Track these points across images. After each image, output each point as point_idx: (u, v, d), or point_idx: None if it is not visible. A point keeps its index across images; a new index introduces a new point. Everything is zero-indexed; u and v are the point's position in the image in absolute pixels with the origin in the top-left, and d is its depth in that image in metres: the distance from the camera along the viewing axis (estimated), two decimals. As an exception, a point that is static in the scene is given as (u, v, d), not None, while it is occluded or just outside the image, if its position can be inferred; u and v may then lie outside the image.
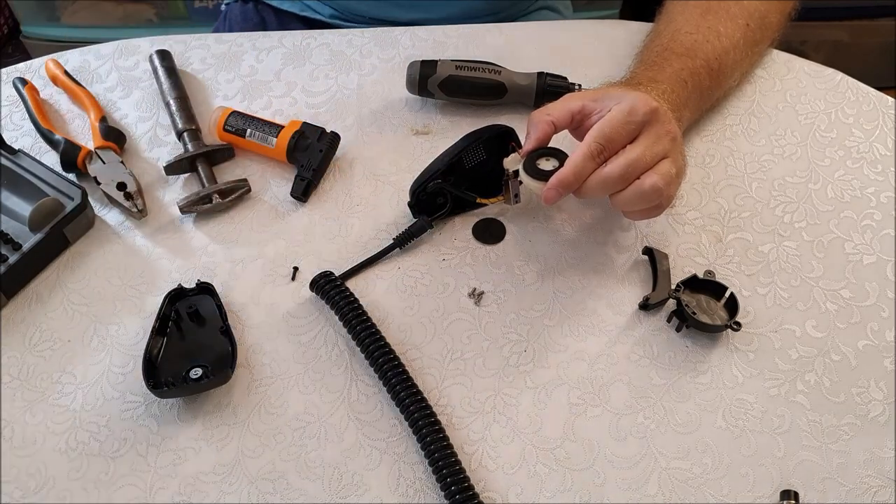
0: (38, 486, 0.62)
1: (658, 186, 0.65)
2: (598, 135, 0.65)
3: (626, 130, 0.66)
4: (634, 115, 0.66)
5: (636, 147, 0.66)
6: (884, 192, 0.79)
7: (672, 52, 0.78)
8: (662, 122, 0.67)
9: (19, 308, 0.71)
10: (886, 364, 0.68)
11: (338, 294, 0.69)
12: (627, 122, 0.66)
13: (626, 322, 0.70)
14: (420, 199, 0.74)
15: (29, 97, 0.82)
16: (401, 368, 0.65)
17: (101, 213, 0.77)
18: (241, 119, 0.80)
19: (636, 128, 0.66)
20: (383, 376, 0.65)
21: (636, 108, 0.66)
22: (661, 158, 0.66)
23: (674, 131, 0.67)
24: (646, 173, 0.65)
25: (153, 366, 0.66)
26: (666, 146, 0.67)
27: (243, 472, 0.62)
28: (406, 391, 0.64)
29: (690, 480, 0.62)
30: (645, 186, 0.65)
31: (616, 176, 0.65)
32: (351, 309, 0.68)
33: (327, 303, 0.69)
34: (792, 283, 0.73)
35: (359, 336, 0.67)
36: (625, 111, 0.66)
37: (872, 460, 0.63)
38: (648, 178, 0.65)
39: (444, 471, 0.60)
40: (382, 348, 0.66)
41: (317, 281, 0.70)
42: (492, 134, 0.74)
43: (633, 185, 0.65)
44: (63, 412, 0.65)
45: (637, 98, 0.67)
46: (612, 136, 0.66)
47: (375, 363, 0.65)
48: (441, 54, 0.83)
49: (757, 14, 0.83)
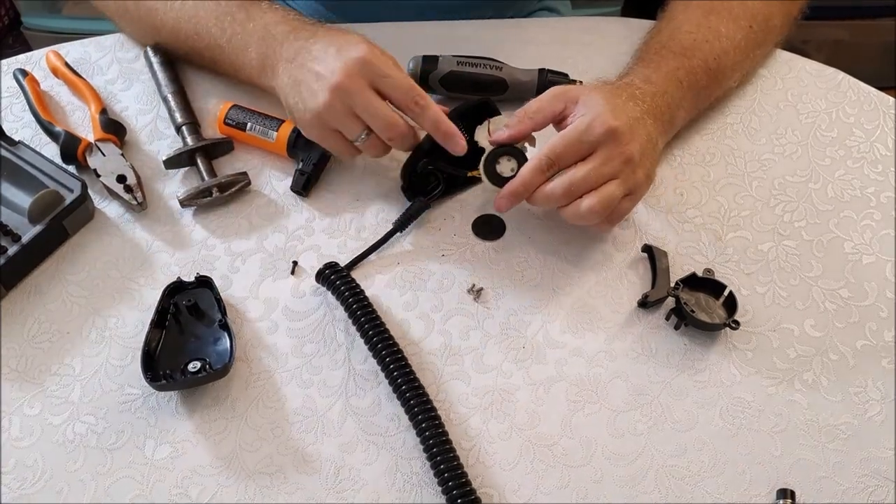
0: (36, 478, 0.62)
1: (595, 209, 0.67)
2: (550, 150, 0.68)
3: (578, 149, 0.68)
4: (588, 135, 0.68)
5: (583, 166, 0.68)
6: (884, 192, 0.79)
7: (670, 51, 0.78)
8: (618, 143, 0.68)
9: (18, 300, 0.71)
10: (884, 364, 0.68)
11: (344, 284, 0.69)
12: (580, 140, 0.68)
13: (625, 319, 0.70)
14: (412, 181, 0.75)
15: (29, 89, 0.82)
16: (404, 361, 0.65)
17: (100, 205, 0.77)
18: (242, 113, 0.80)
19: (588, 147, 0.68)
20: (385, 368, 0.65)
21: (592, 127, 0.68)
22: (607, 179, 0.68)
23: (629, 152, 0.68)
24: (588, 194, 0.68)
25: (152, 359, 0.66)
26: (616, 167, 0.68)
27: (241, 466, 0.62)
28: (408, 384, 0.64)
29: (687, 478, 0.62)
30: (581, 208, 0.68)
31: (558, 194, 0.68)
32: (357, 300, 0.68)
33: (333, 293, 0.69)
34: (791, 283, 0.73)
35: (363, 327, 0.67)
36: (581, 129, 0.68)
37: (869, 460, 0.63)
38: (587, 200, 0.67)
39: (441, 465, 0.60)
40: (386, 340, 0.66)
41: (322, 272, 0.70)
42: (469, 106, 0.75)
43: (573, 204, 0.68)
44: (61, 404, 0.65)
45: (599, 115, 0.68)
46: (562, 154, 0.68)
47: (378, 354, 0.65)
48: (442, 50, 0.83)
49: (761, 16, 0.83)
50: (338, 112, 0.69)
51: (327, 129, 0.71)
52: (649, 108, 0.72)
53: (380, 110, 0.69)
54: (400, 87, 0.70)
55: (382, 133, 0.70)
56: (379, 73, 0.69)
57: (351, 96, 0.68)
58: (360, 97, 0.69)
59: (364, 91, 0.69)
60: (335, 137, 0.72)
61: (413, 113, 0.70)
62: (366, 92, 0.69)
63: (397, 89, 0.70)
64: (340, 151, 0.74)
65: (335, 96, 0.68)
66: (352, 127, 0.70)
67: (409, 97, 0.70)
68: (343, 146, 0.73)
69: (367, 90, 0.69)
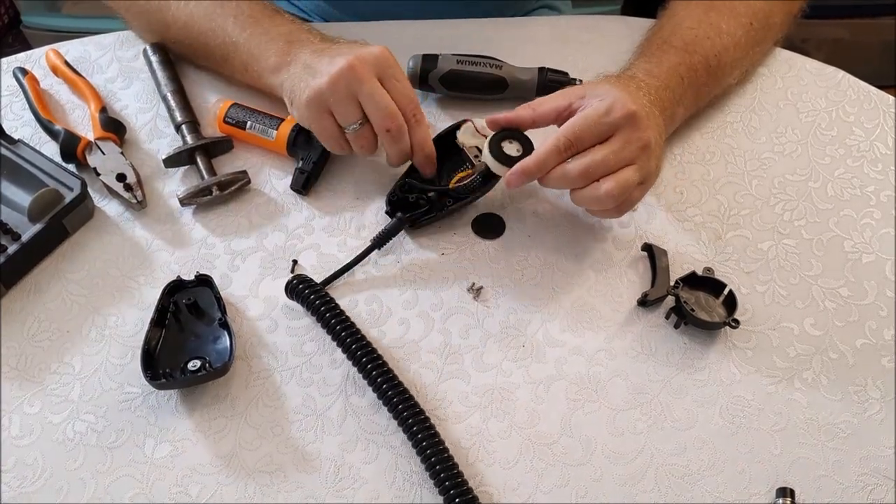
0: (36, 477, 0.62)
1: (613, 193, 0.66)
2: (569, 130, 0.67)
3: (598, 130, 0.67)
4: (608, 117, 0.67)
5: (602, 149, 0.67)
6: (884, 190, 0.79)
7: (671, 46, 0.78)
8: (637, 128, 0.67)
9: (18, 298, 0.71)
10: (884, 363, 0.68)
11: (315, 296, 0.68)
12: (601, 122, 0.67)
13: (625, 318, 0.70)
14: (392, 201, 0.74)
15: (29, 87, 0.82)
16: (391, 374, 0.64)
17: (100, 204, 0.77)
18: (242, 111, 0.80)
19: (608, 129, 0.67)
20: (367, 376, 0.65)
21: (613, 108, 0.67)
22: (626, 164, 0.67)
23: (647, 138, 0.67)
24: (605, 177, 0.66)
25: (151, 357, 0.66)
26: (634, 153, 0.67)
27: (241, 465, 0.62)
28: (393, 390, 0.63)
29: (687, 477, 0.62)
30: (600, 191, 0.66)
31: (576, 174, 0.67)
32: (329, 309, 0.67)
33: (304, 307, 0.69)
34: (791, 281, 0.73)
35: (338, 336, 0.66)
36: (601, 111, 0.67)
37: (869, 458, 0.63)
38: (606, 184, 0.66)
39: (437, 466, 0.60)
40: (370, 354, 0.65)
41: (292, 285, 0.69)
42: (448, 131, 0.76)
43: (591, 187, 0.67)
44: (61, 402, 0.65)
45: (618, 98, 0.67)
46: (581, 134, 0.67)
47: (363, 369, 0.65)
48: (442, 48, 0.83)
49: (761, 13, 0.83)
50: (340, 92, 0.69)
51: (323, 110, 0.71)
52: (655, 100, 0.72)
53: (382, 99, 0.69)
54: (405, 95, 0.71)
55: (378, 122, 0.70)
56: (390, 72, 0.70)
57: (358, 80, 0.68)
58: (366, 84, 0.69)
59: (371, 79, 0.69)
60: (328, 121, 0.71)
61: (408, 124, 0.71)
62: (373, 80, 0.69)
63: (402, 95, 0.70)
64: (329, 138, 0.73)
65: (341, 76, 0.68)
66: (348, 112, 0.70)
67: (409, 107, 0.71)
68: (333, 132, 0.72)
69: (375, 80, 0.69)
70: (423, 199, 0.73)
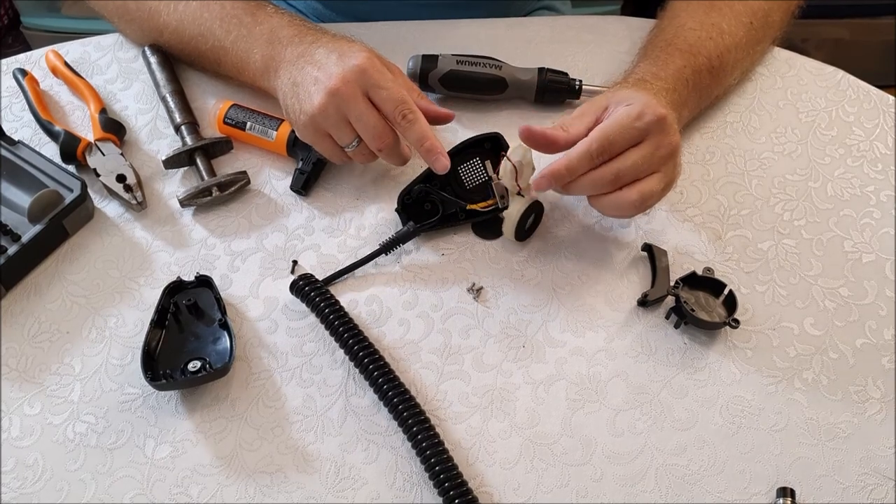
0: (36, 478, 0.62)
1: (636, 204, 0.66)
2: (602, 136, 0.65)
3: (630, 135, 0.66)
4: (640, 121, 0.66)
5: (632, 155, 0.66)
6: (883, 190, 0.79)
7: (676, 49, 0.78)
8: (667, 132, 0.67)
9: (18, 299, 0.71)
10: (884, 362, 0.68)
11: (320, 297, 0.68)
12: (633, 126, 0.66)
13: (625, 318, 0.70)
14: (405, 203, 0.74)
15: (29, 88, 0.82)
16: (392, 375, 0.64)
17: (100, 204, 0.77)
18: (242, 112, 0.80)
19: (640, 134, 0.66)
20: (374, 383, 0.65)
21: (644, 113, 0.66)
22: (655, 170, 0.67)
23: (675, 143, 0.67)
24: (629, 185, 0.66)
25: (151, 358, 0.66)
26: (663, 158, 0.67)
27: (241, 466, 0.62)
28: (393, 391, 0.63)
29: (687, 477, 0.62)
30: (623, 200, 0.66)
31: (606, 181, 0.66)
32: (332, 310, 0.67)
33: (309, 307, 0.69)
34: (791, 281, 0.73)
35: (341, 337, 0.66)
36: (633, 115, 0.66)
37: (869, 458, 0.63)
38: (630, 194, 0.66)
39: (436, 467, 0.60)
40: (373, 355, 0.65)
41: (296, 284, 0.69)
42: (478, 139, 0.74)
43: (614, 194, 0.66)
44: (61, 403, 0.65)
45: (647, 103, 0.67)
46: (614, 140, 0.66)
47: (365, 370, 0.65)
48: (442, 49, 0.83)
49: (761, 12, 0.83)
50: (331, 117, 0.69)
51: (320, 133, 0.71)
52: (667, 103, 0.72)
53: (369, 120, 0.69)
54: (390, 100, 0.69)
55: (370, 143, 0.71)
56: (374, 84, 0.69)
57: (345, 103, 0.68)
58: (353, 105, 0.68)
59: (357, 99, 0.68)
60: (327, 142, 0.72)
61: (400, 127, 0.70)
62: (359, 100, 0.69)
63: (388, 101, 0.69)
64: (331, 156, 0.74)
65: (330, 101, 0.69)
66: (343, 133, 0.70)
67: (397, 111, 0.69)
68: (334, 151, 0.73)
69: (361, 98, 0.69)
70: (438, 209, 0.73)
